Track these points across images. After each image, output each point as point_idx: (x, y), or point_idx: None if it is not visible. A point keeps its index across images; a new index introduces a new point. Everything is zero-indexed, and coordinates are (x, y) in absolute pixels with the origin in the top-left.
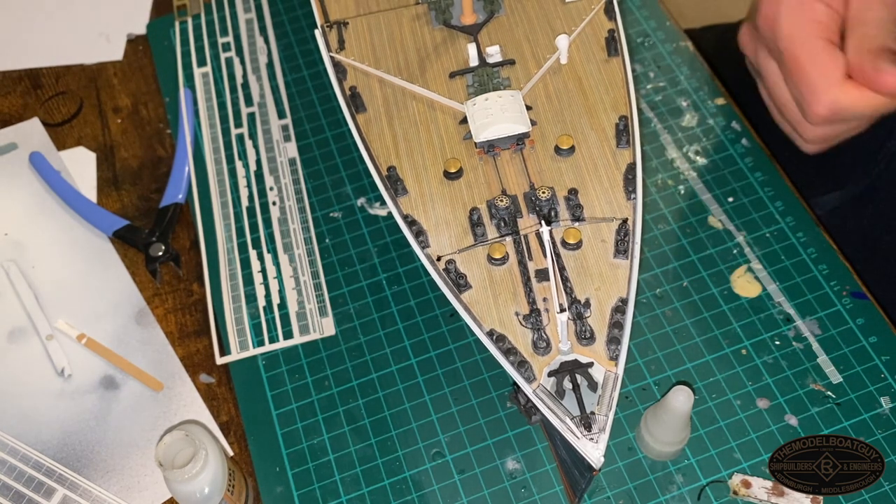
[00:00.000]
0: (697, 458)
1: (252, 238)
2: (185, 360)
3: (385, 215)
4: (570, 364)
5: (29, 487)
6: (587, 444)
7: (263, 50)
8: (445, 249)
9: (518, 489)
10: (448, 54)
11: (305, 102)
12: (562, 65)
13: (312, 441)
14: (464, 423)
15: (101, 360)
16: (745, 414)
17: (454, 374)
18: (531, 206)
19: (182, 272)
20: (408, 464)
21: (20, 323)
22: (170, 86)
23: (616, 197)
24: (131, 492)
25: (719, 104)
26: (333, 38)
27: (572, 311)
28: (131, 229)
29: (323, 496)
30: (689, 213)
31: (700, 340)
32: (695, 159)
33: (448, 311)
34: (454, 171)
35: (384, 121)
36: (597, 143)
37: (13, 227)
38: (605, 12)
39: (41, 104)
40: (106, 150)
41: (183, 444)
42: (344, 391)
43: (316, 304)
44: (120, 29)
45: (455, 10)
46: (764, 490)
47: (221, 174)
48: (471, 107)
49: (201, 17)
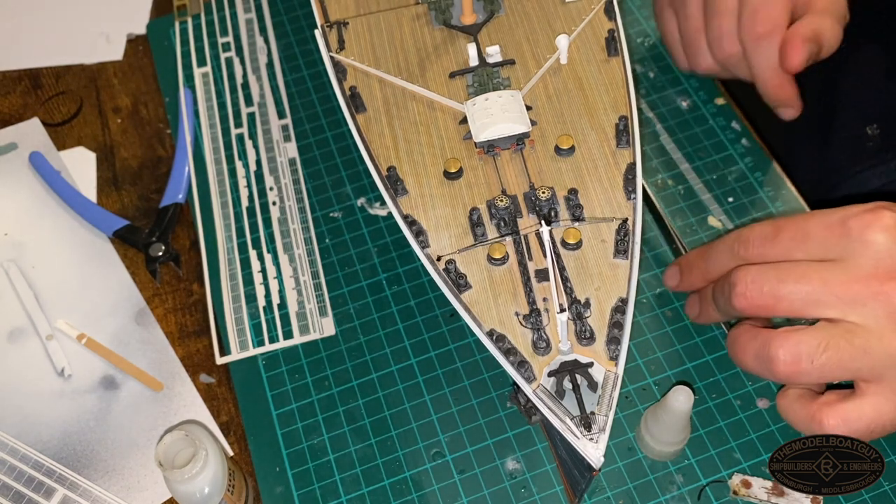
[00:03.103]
0: (697, 458)
1: (252, 238)
2: (185, 360)
3: (385, 215)
4: (570, 364)
5: (29, 487)
6: (587, 445)
7: (263, 50)
8: (445, 249)
9: (518, 489)
10: (448, 54)
11: (305, 102)
12: (562, 65)
13: (312, 441)
14: (464, 423)
15: (101, 360)
16: (745, 414)
17: (454, 374)
18: (531, 206)
19: (182, 272)
20: (408, 464)
21: (20, 323)
22: (170, 86)
23: (616, 197)
24: (131, 492)
25: (719, 104)
26: (333, 38)
27: (572, 311)
28: (131, 229)
29: (323, 496)
30: (689, 213)
31: (700, 340)
32: (695, 159)
33: (448, 311)
34: (454, 171)
35: (384, 121)
36: (597, 143)
37: (13, 227)
38: (605, 12)
39: (41, 104)
40: (106, 150)
41: (183, 444)
42: (344, 391)
43: (316, 304)
44: (120, 29)
45: (455, 10)
46: (764, 490)
47: (221, 174)
48: (471, 107)
49: (201, 17)
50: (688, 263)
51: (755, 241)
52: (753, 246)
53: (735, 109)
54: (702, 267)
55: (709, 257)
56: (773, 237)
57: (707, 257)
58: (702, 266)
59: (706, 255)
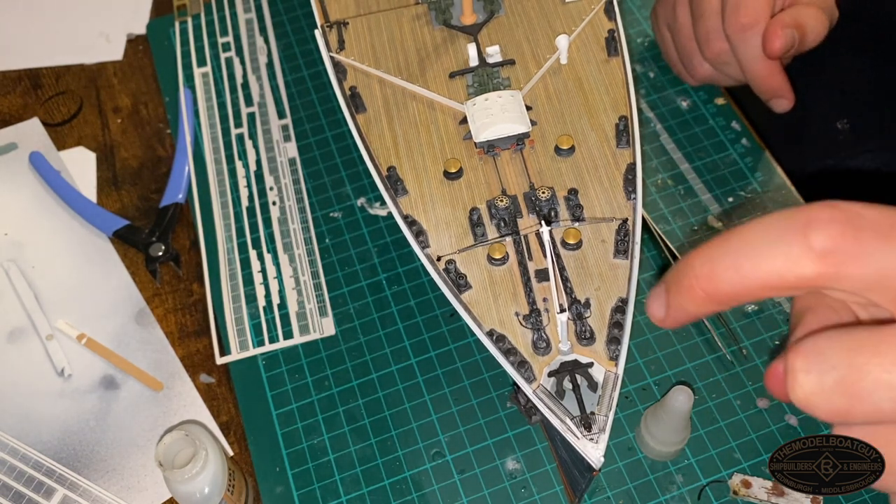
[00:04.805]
0: (697, 458)
1: (252, 238)
2: (185, 360)
3: (385, 215)
4: (570, 364)
5: (29, 487)
6: (587, 445)
7: (263, 50)
8: (445, 249)
9: (518, 489)
10: (448, 54)
11: (305, 102)
12: (562, 65)
13: (312, 441)
14: (464, 423)
15: (101, 360)
16: (745, 414)
17: (454, 374)
18: (531, 207)
19: (182, 272)
20: (408, 464)
21: (20, 323)
22: (170, 86)
23: (616, 197)
24: (131, 492)
25: (719, 104)
26: (333, 38)
27: (572, 312)
28: (131, 229)
29: (323, 496)
30: (689, 213)
31: (700, 340)
32: (695, 159)
33: (448, 311)
34: (454, 171)
35: (384, 121)
36: (597, 143)
37: (13, 227)
38: (605, 12)
39: (41, 104)
40: (106, 150)
41: (183, 444)
42: (344, 391)
43: (316, 304)
44: (120, 29)
45: (455, 11)
46: (764, 490)
47: (221, 174)
48: (471, 107)
49: (201, 17)
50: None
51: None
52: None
53: (735, 109)
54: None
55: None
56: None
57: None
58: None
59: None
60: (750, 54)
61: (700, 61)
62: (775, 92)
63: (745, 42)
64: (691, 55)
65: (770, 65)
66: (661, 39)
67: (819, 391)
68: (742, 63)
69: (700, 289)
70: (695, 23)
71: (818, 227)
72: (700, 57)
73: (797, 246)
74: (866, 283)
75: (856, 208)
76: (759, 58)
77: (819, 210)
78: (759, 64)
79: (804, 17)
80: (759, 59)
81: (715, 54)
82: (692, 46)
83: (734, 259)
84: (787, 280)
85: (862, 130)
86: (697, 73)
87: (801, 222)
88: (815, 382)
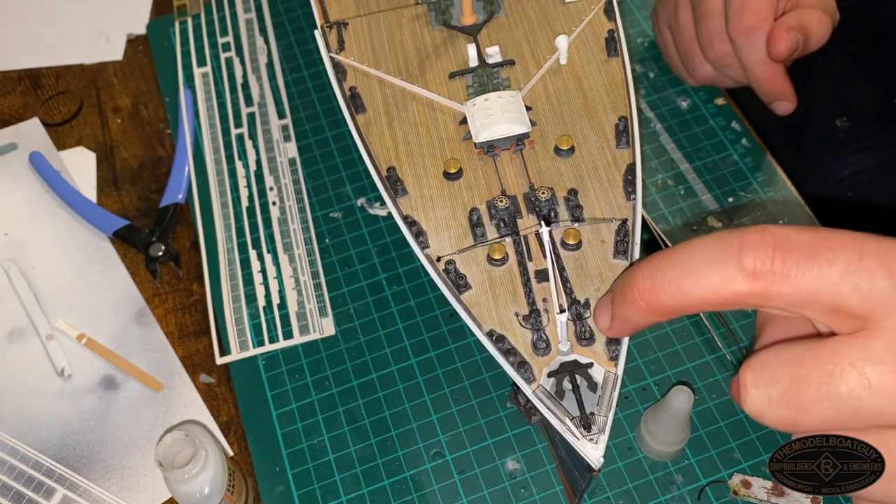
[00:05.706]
0: (697, 458)
1: (252, 238)
2: (185, 360)
3: (385, 215)
4: (570, 364)
5: (29, 487)
6: (587, 445)
7: (263, 50)
8: (445, 250)
9: (518, 489)
10: (448, 55)
11: (305, 102)
12: (561, 65)
13: (312, 441)
14: (464, 423)
15: (101, 360)
16: (745, 414)
17: (454, 374)
18: (531, 207)
19: (182, 272)
20: (408, 464)
21: (20, 323)
22: (170, 86)
23: (616, 197)
24: (131, 492)
25: (719, 104)
26: (333, 39)
27: (572, 312)
28: (131, 229)
29: (323, 496)
30: (688, 213)
31: (700, 340)
32: (695, 159)
33: (448, 311)
34: (454, 171)
35: (384, 121)
36: (596, 143)
37: (13, 227)
38: (605, 12)
39: (41, 104)
40: (106, 150)
41: (183, 444)
42: (344, 391)
43: (316, 304)
44: (120, 29)
45: (455, 11)
46: (764, 490)
47: (221, 174)
48: (470, 107)
49: (201, 17)
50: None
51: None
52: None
53: (735, 109)
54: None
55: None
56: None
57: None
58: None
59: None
60: (754, 57)
61: (702, 62)
62: (778, 94)
63: (749, 44)
64: (693, 56)
65: (774, 67)
66: (662, 40)
67: (767, 404)
68: (745, 65)
69: (643, 301)
70: (697, 24)
71: (749, 251)
72: (702, 58)
73: (731, 267)
74: (796, 300)
75: (785, 231)
76: (762, 60)
77: (751, 234)
78: (762, 66)
79: (808, 19)
80: (762, 61)
81: (717, 56)
82: (694, 47)
83: (675, 275)
84: (722, 296)
85: (861, 129)
86: (698, 74)
87: (736, 245)
88: (763, 396)
